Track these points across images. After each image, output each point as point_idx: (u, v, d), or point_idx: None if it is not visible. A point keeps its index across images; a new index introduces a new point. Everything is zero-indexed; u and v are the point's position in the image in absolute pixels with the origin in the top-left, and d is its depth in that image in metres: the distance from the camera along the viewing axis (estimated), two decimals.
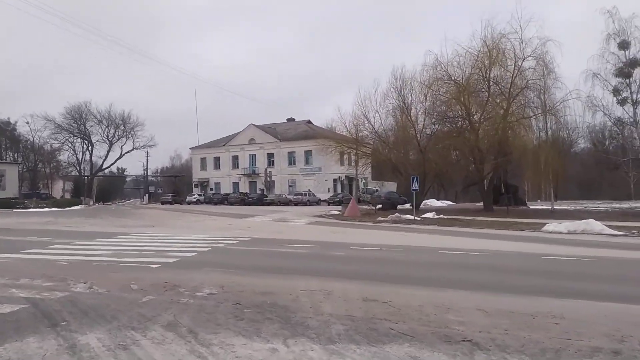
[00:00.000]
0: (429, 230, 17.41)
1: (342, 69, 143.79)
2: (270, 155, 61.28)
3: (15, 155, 74.94)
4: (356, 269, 8.16)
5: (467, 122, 28.25)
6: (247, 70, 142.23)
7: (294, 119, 68.64)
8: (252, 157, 62.63)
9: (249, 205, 47.53)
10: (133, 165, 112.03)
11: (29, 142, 74.44)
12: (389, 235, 14.87)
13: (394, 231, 16.65)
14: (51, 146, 72.56)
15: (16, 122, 71.94)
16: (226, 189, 62.45)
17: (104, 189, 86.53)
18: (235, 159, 64.05)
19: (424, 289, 6.36)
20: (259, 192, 57.53)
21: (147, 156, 74.90)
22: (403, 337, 4.12)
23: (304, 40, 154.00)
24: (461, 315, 4.88)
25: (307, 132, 60.73)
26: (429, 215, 21.61)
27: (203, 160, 67.13)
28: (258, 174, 61.01)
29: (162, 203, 60.51)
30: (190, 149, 71.12)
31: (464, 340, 4.03)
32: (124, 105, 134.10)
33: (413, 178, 20.99)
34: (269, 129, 63.88)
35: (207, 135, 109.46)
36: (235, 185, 62.97)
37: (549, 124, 27.48)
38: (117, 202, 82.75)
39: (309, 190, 53.46)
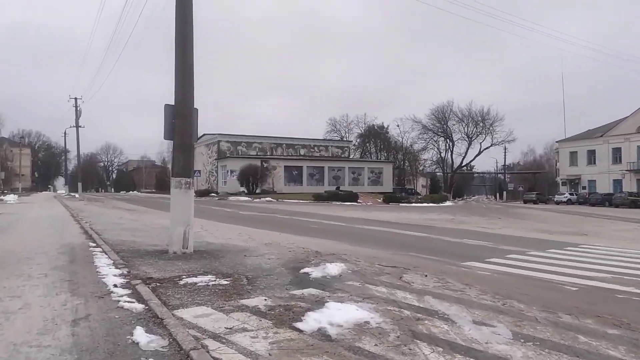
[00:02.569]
0: None
1: None
2: None
3: (386, 155, 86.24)
4: None
5: None
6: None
7: None
8: None
9: None
10: (480, 162, 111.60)
11: (397, 142, 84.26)
12: None
13: None
14: (411, 145, 79.68)
15: (388, 125, 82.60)
16: (603, 187, 52.82)
17: (457, 185, 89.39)
18: (616, 151, 53.35)
19: None
20: None
21: (505, 152, 72.27)
22: None
23: None
24: None
25: None
26: None
27: (573, 154, 59.06)
28: None
29: (525, 202, 56.73)
30: (557, 142, 64.13)
31: None
32: (483, 101, 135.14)
33: None
34: None
35: (576, 126, 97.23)
36: (617, 183, 52.41)
37: None
38: (465, 198, 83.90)
39: None
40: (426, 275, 6.74)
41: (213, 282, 6.00)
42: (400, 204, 37.69)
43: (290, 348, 3.69)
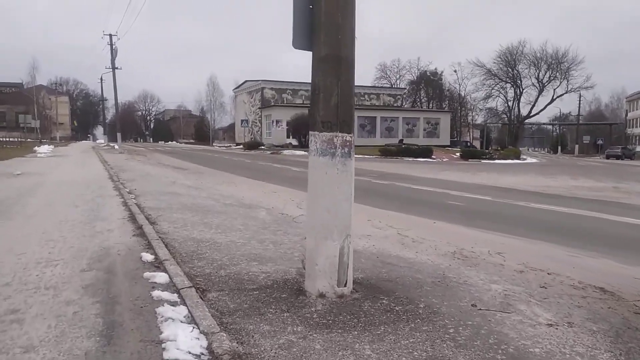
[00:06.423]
0: None
1: None
2: None
3: (439, 103, 79.35)
4: None
5: None
6: None
7: None
8: None
9: None
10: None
11: (452, 90, 77.12)
12: None
13: None
14: (467, 95, 72.29)
15: (442, 71, 75.27)
16: None
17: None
18: None
19: None
20: None
21: (580, 99, 64.20)
22: None
23: None
24: None
25: None
26: None
27: None
28: None
29: (608, 157, 50.21)
30: None
31: None
32: (561, 42, 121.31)
33: None
34: None
35: None
36: None
37: None
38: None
39: None
40: None
41: None
42: (482, 161, 32.49)
43: None
